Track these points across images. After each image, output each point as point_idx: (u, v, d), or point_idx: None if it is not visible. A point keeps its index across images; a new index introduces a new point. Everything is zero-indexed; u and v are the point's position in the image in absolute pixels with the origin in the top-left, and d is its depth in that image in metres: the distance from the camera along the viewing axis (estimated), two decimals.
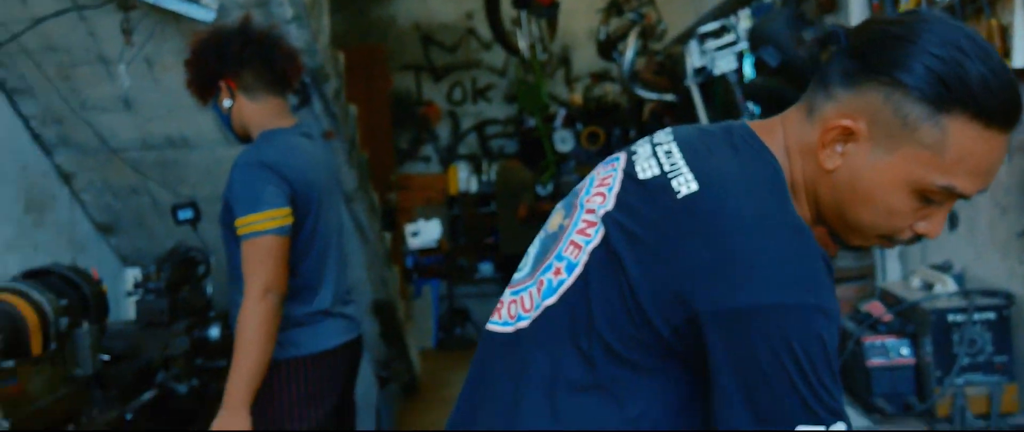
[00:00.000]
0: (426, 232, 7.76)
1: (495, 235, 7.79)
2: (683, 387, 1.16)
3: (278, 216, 2.47)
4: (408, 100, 8.39)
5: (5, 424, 2.15)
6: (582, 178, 1.37)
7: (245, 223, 2.45)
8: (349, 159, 4.29)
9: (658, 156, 1.22)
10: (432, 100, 8.55)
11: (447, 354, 7.33)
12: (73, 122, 3.78)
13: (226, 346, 3.17)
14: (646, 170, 1.21)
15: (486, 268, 8.16)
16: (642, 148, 1.26)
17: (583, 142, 7.77)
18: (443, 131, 8.64)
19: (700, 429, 1.17)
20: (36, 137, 3.82)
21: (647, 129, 1.45)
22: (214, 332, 3.13)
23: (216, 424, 2.44)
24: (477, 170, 8.52)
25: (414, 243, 7.56)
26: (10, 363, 2.24)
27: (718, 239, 1.10)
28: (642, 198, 1.18)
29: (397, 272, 5.63)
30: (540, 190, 7.32)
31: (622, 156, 1.28)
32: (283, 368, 2.58)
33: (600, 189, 1.24)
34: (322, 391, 2.66)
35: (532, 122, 8.00)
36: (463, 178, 8.45)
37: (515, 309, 1.29)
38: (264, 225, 2.44)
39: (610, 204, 1.21)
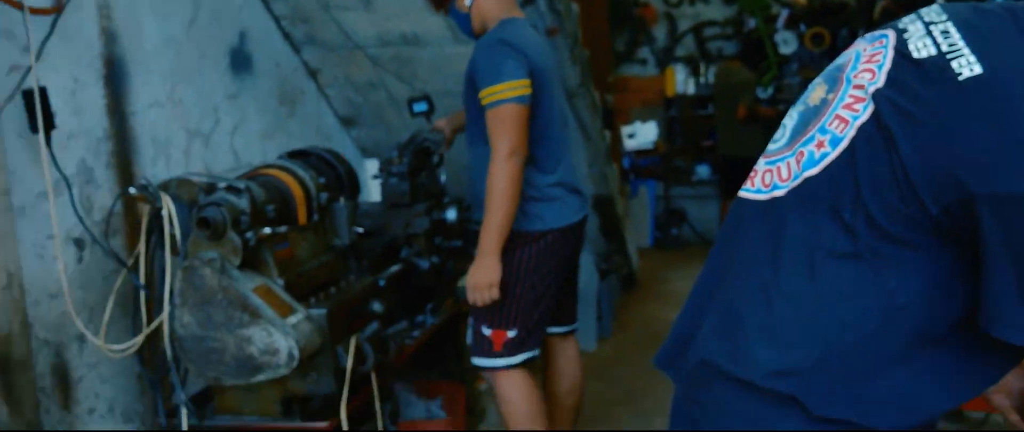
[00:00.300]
0: (642, 134, 7.76)
1: (713, 137, 7.67)
2: (944, 265, 1.16)
3: (518, 86, 2.68)
4: (624, 2, 8.30)
5: (280, 282, 2.42)
6: (805, 81, 1.37)
7: (489, 93, 2.66)
8: (571, 56, 4.35)
9: (933, 35, 1.19)
10: (648, 2, 8.42)
11: (663, 253, 7.39)
12: (319, 20, 4.04)
13: (462, 228, 3.36)
14: (920, 49, 1.19)
15: (703, 170, 8.07)
16: (913, 26, 1.24)
17: (807, 44, 7.43)
18: (660, 33, 8.51)
19: (957, 307, 1.18)
20: (286, 36, 4.12)
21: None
22: (451, 214, 3.32)
23: (472, 270, 2.78)
24: (694, 72, 8.37)
25: (630, 144, 7.59)
26: (283, 229, 2.50)
27: (1005, 123, 1.08)
28: (917, 77, 1.17)
29: (616, 170, 5.70)
30: (760, 93, 7.11)
31: (890, 33, 1.26)
32: (525, 237, 2.82)
33: (868, 65, 1.24)
34: (558, 260, 2.89)
35: (753, 23, 7.73)
36: (680, 80, 8.33)
37: (770, 178, 1.32)
38: (506, 94, 2.67)
39: (880, 81, 1.20)
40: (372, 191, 4.13)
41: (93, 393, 2.83)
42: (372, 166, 4.36)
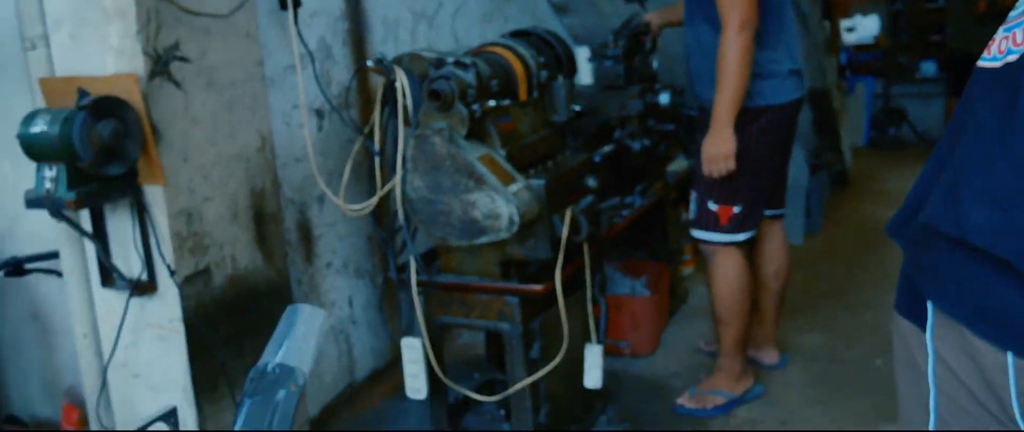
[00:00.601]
0: (863, 28, 7.37)
1: (941, 31, 7.18)
2: None
3: None
4: None
5: (502, 152, 2.55)
6: None
7: None
8: None
9: None
10: None
11: (878, 153, 7.08)
12: None
13: (674, 112, 3.39)
14: None
15: (928, 67, 7.59)
16: None
17: None
18: None
19: None
20: None
21: None
22: (664, 98, 3.34)
23: (706, 143, 2.85)
24: None
25: (849, 38, 7.24)
26: (505, 103, 2.62)
27: None
28: None
29: (834, 63, 5.49)
30: None
31: None
32: (747, 114, 2.85)
33: None
34: (777, 138, 2.93)
35: None
36: None
37: (1006, 44, 1.27)
38: None
39: None
40: (584, 76, 4.20)
41: (330, 249, 3.11)
42: (583, 53, 4.42)
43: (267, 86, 2.75)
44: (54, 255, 2.63)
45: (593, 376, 2.80)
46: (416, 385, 2.75)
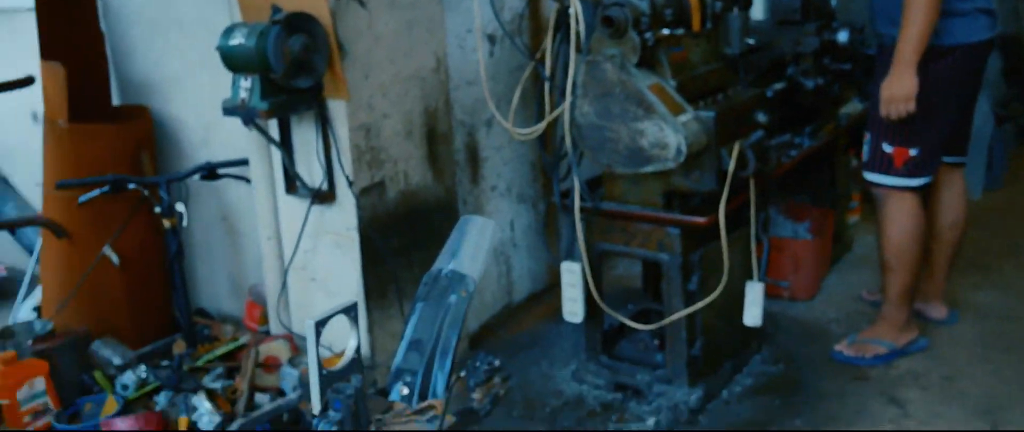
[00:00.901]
0: None
1: None
2: None
3: None
4: None
5: (673, 82, 2.54)
6: None
7: None
8: None
9: None
10: None
11: None
12: None
13: (852, 51, 3.27)
14: None
15: None
16: None
17: None
18: None
19: None
20: None
21: None
22: (843, 36, 3.23)
23: (887, 83, 2.75)
24: None
25: None
26: (679, 32, 2.60)
27: None
28: None
29: None
30: None
31: None
32: (933, 52, 2.72)
33: None
34: (963, 80, 2.82)
35: None
36: None
37: None
38: None
39: None
40: (757, 11, 4.09)
41: (495, 173, 3.19)
42: None
43: (445, 8, 2.82)
44: (244, 162, 2.81)
45: (753, 313, 2.78)
46: (573, 309, 2.81)
